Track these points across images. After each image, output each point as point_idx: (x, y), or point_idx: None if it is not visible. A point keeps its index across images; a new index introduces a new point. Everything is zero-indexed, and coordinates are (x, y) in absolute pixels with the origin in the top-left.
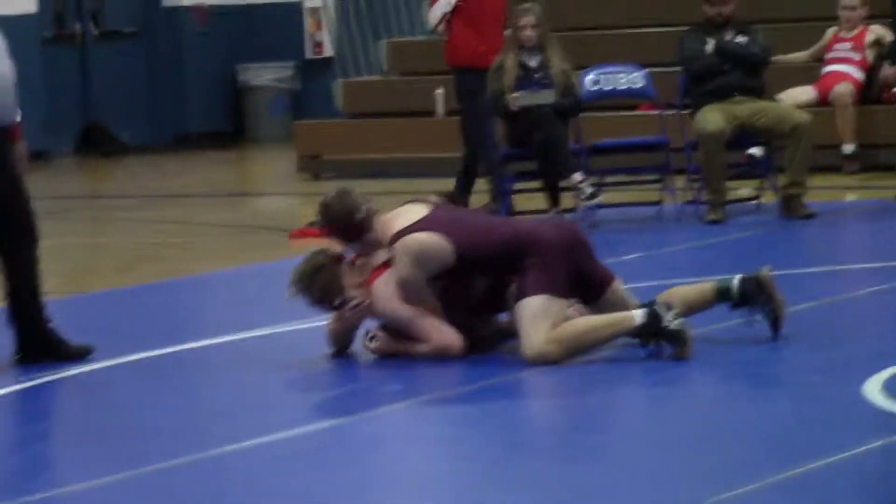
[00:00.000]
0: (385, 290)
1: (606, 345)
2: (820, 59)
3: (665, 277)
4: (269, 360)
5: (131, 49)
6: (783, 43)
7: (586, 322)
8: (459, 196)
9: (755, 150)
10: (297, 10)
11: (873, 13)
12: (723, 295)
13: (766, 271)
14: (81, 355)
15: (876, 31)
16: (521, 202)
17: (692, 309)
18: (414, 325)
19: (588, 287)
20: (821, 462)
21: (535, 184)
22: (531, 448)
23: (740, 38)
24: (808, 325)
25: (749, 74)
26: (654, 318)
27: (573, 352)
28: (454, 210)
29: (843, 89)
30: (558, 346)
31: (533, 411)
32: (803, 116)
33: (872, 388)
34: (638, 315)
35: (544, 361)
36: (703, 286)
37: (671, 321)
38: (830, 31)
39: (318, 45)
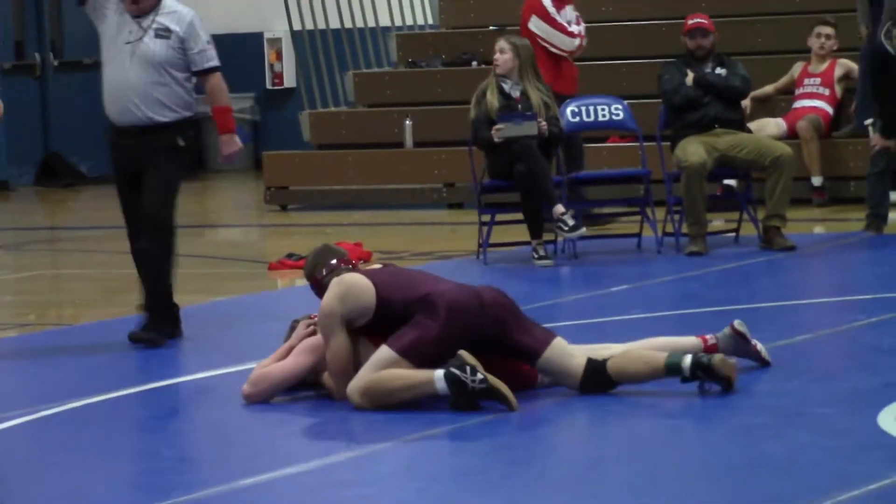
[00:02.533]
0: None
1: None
2: (787, 92)
3: (650, 310)
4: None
5: (91, 79)
6: (754, 76)
7: (394, 381)
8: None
9: (731, 182)
10: (257, 41)
11: (842, 46)
12: (673, 372)
13: (718, 359)
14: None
15: (845, 64)
16: (501, 234)
17: (639, 379)
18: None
19: (510, 352)
20: (848, 494)
21: (517, 215)
22: (554, 480)
23: (720, 70)
24: (809, 357)
25: (729, 106)
26: (457, 384)
27: (381, 406)
28: (400, 270)
29: (805, 123)
30: (369, 400)
31: (551, 443)
32: (785, 149)
33: (887, 420)
34: (439, 380)
35: (360, 409)
36: (656, 358)
37: (475, 383)
38: (798, 66)
39: (278, 76)
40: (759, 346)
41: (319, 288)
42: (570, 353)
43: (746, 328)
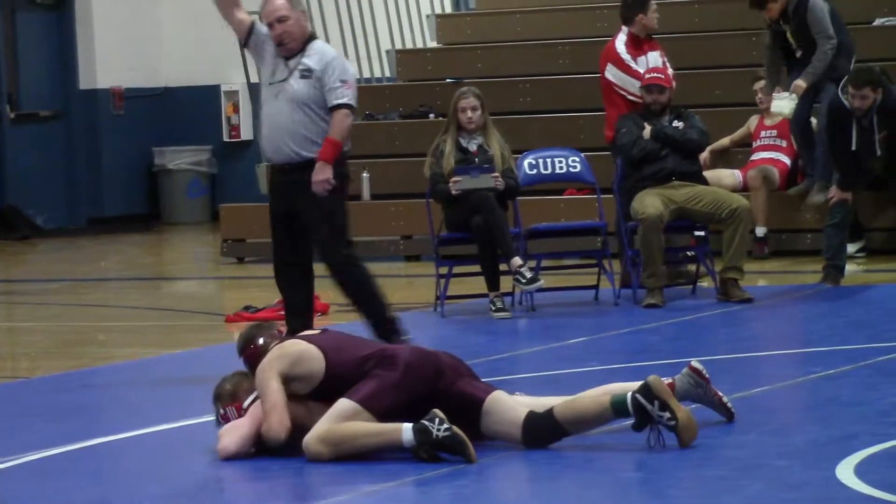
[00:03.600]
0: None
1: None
2: (745, 145)
3: (607, 362)
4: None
5: (48, 131)
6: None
7: (356, 428)
8: None
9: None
10: (214, 94)
11: None
12: (619, 410)
13: (654, 379)
14: None
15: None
16: (459, 287)
17: (588, 421)
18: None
19: (455, 402)
20: None
21: (474, 267)
22: None
23: (677, 123)
24: (764, 410)
25: (686, 159)
26: (422, 433)
27: (342, 455)
28: (344, 334)
29: (754, 173)
30: (328, 448)
31: (508, 496)
32: (741, 201)
33: (844, 472)
34: (406, 430)
35: (316, 460)
36: (602, 400)
37: (440, 431)
38: (755, 119)
39: (235, 129)
40: (722, 396)
41: (255, 359)
42: (511, 405)
43: (703, 367)
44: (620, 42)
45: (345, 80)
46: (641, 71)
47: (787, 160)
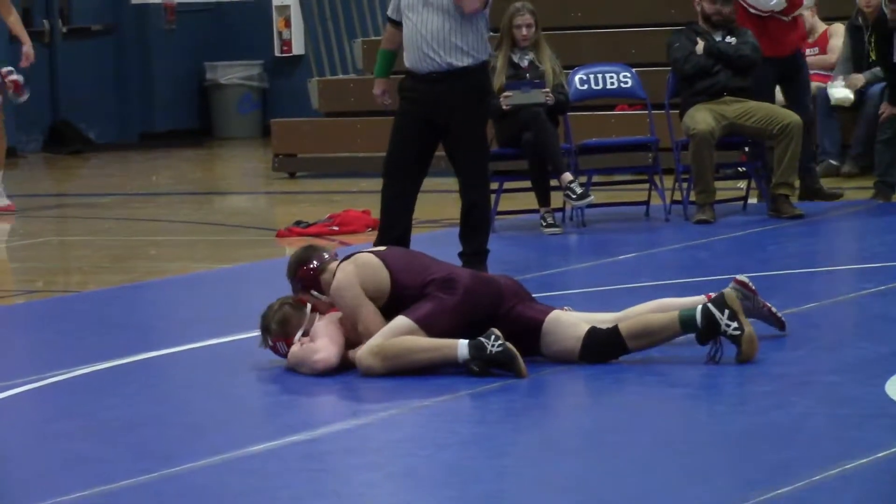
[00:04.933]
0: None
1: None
2: None
3: (658, 278)
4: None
5: (99, 46)
6: None
7: (412, 343)
8: None
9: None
10: (265, 9)
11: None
12: (686, 324)
13: (729, 292)
14: None
15: (835, 30)
16: (510, 202)
17: (656, 338)
18: (358, 312)
19: (514, 325)
20: (857, 462)
21: (525, 183)
22: (560, 448)
23: (730, 39)
24: (815, 326)
25: (739, 75)
26: (477, 348)
27: (395, 370)
28: (410, 252)
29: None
30: (381, 361)
31: (558, 411)
32: (793, 117)
33: (894, 388)
34: (462, 345)
35: (368, 374)
36: (670, 315)
37: (494, 347)
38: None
39: (287, 44)
40: (771, 307)
41: (310, 280)
42: (572, 321)
43: (749, 279)
44: None
45: None
46: None
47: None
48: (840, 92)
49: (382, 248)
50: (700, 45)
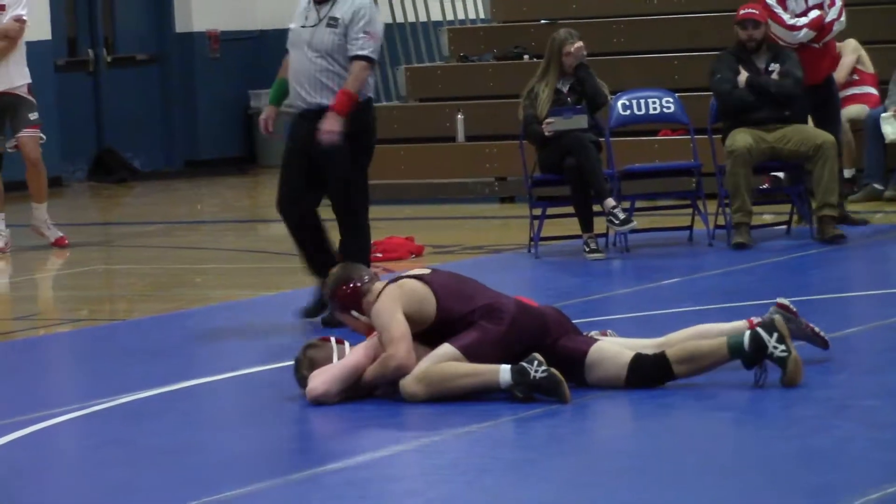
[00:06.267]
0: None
1: None
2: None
3: (701, 303)
4: None
5: (144, 75)
6: None
7: (455, 368)
8: None
9: (779, 174)
10: None
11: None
12: (735, 349)
13: (779, 318)
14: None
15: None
16: (553, 227)
17: (704, 365)
18: (390, 328)
19: (559, 357)
20: None
21: (568, 209)
22: (603, 473)
23: (773, 66)
24: (857, 350)
25: (781, 106)
26: (521, 374)
27: (438, 395)
28: (460, 277)
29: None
30: (425, 388)
31: (601, 436)
32: (826, 137)
33: None
34: (504, 370)
35: (412, 400)
36: (719, 341)
37: (538, 372)
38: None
39: None
40: (814, 327)
41: (350, 300)
42: (616, 350)
43: (790, 303)
44: None
45: (368, 32)
46: (790, 17)
47: (873, 91)
48: (891, 128)
49: (428, 271)
50: (742, 77)
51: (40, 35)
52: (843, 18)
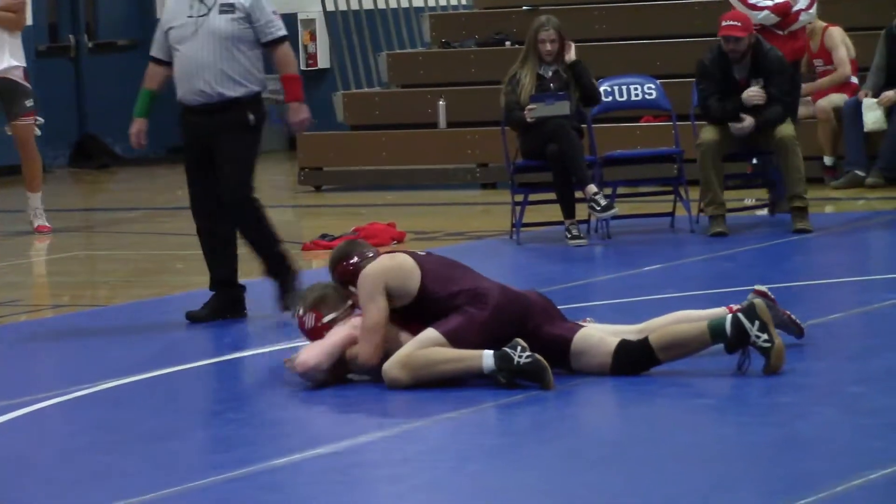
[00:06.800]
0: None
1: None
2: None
3: (683, 289)
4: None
5: (125, 61)
6: None
7: (437, 353)
8: None
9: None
10: (290, 22)
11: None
12: (716, 333)
13: (759, 302)
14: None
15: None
16: (535, 214)
17: (687, 349)
18: (367, 313)
19: (543, 342)
20: (881, 473)
21: (550, 195)
22: (584, 459)
23: (756, 81)
24: (839, 336)
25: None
26: (503, 359)
27: (421, 381)
28: (448, 261)
29: (824, 104)
30: (408, 373)
31: (583, 423)
32: (785, 132)
33: None
34: (487, 356)
35: (394, 386)
36: (699, 326)
37: (521, 358)
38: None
39: (312, 57)
40: (791, 314)
41: (348, 276)
42: (600, 337)
43: (767, 289)
44: None
45: (275, 12)
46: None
47: (855, 80)
48: (873, 116)
49: (423, 252)
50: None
51: None
52: (812, 10)
